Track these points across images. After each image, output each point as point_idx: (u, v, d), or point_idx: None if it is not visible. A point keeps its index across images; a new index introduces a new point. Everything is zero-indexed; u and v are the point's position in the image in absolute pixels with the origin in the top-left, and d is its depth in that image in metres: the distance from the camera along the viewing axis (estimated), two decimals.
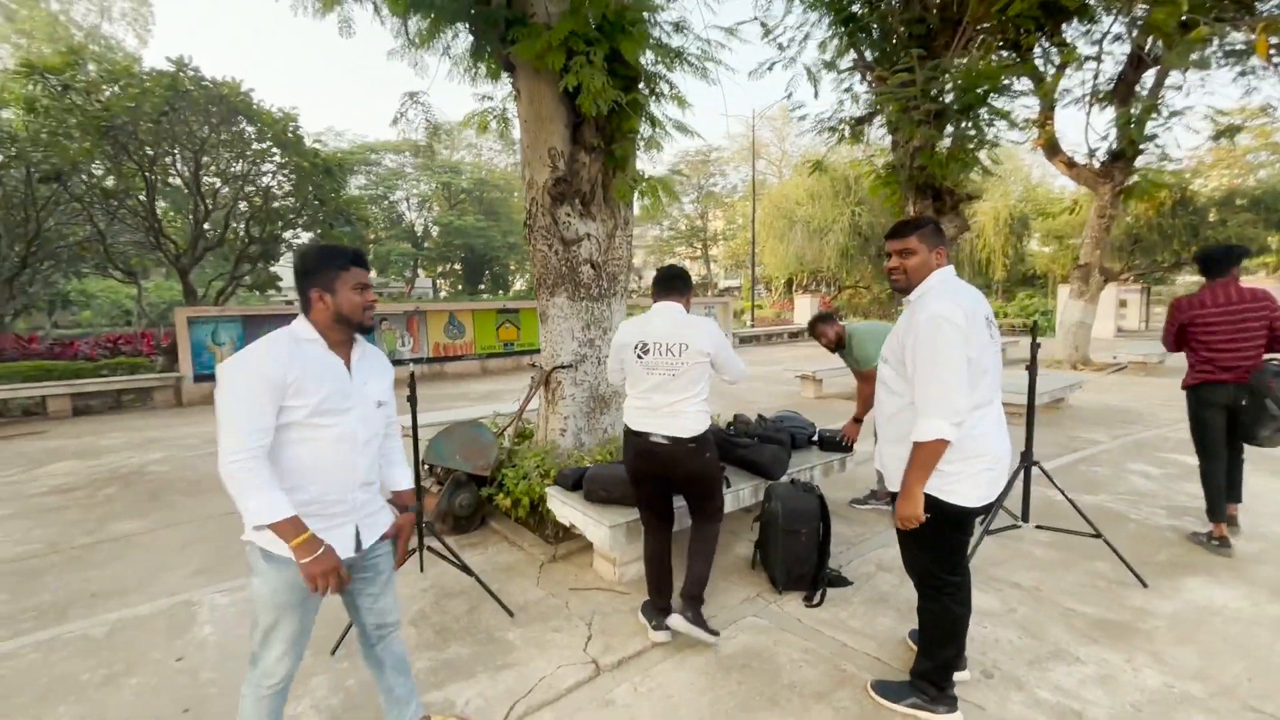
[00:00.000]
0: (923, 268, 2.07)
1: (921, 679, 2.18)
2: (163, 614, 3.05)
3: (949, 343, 1.88)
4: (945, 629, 2.13)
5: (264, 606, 1.65)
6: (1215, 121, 11.74)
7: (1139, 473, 5.01)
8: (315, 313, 1.70)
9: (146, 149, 11.03)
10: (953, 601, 2.11)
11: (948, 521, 2.02)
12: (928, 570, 2.13)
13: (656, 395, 2.57)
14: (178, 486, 5.29)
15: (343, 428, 1.68)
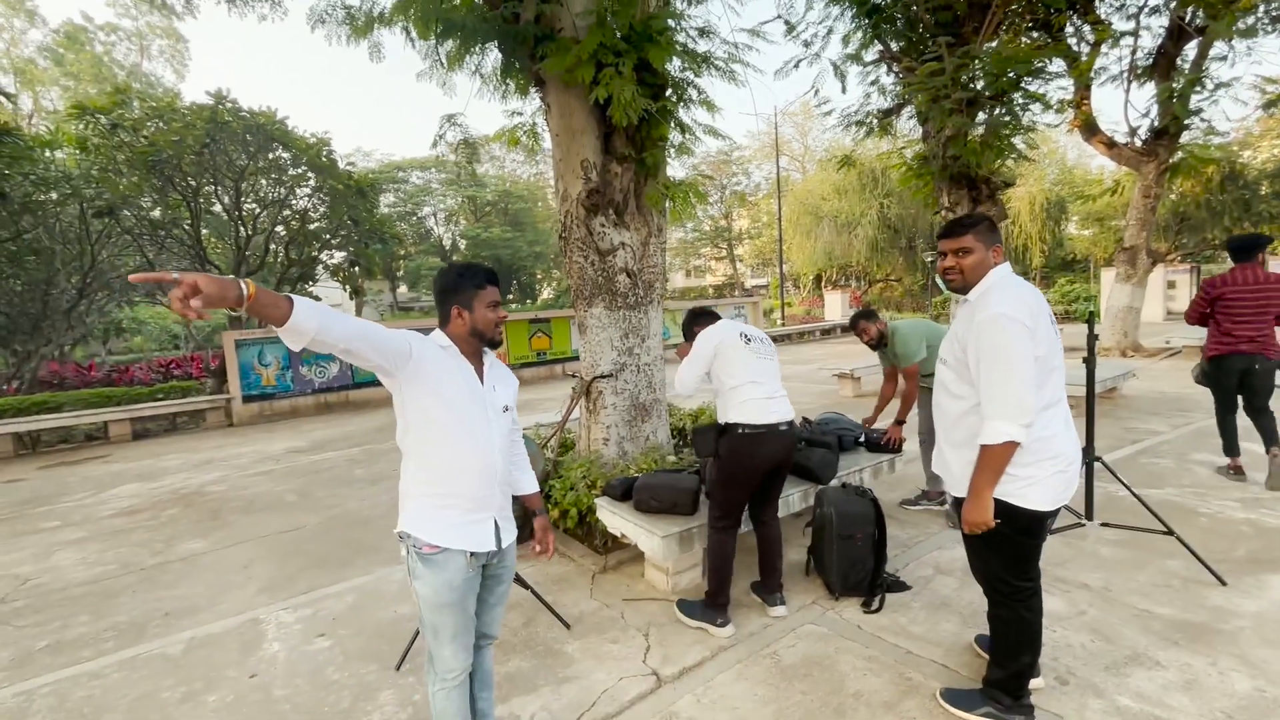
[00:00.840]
0: (980, 266, 2.03)
1: (995, 687, 2.12)
2: (233, 632, 3.15)
3: (1015, 341, 1.84)
4: (1020, 636, 2.06)
5: (428, 607, 1.78)
6: (1264, 90, 11.24)
7: (1204, 463, 4.80)
8: (453, 326, 1.86)
9: (190, 180, 11.49)
10: (1025, 608, 2.04)
11: (1020, 527, 1.96)
12: (999, 576, 2.06)
13: (772, 383, 2.78)
14: (235, 506, 5.47)
15: (479, 427, 1.82)
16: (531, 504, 2.18)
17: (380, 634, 3.02)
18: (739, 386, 2.73)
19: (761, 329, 15.67)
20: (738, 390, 2.73)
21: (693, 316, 3.04)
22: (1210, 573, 2.97)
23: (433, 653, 1.83)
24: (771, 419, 2.70)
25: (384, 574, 3.75)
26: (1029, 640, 2.07)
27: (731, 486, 2.77)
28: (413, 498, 1.79)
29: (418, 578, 1.76)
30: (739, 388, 2.73)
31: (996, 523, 1.93)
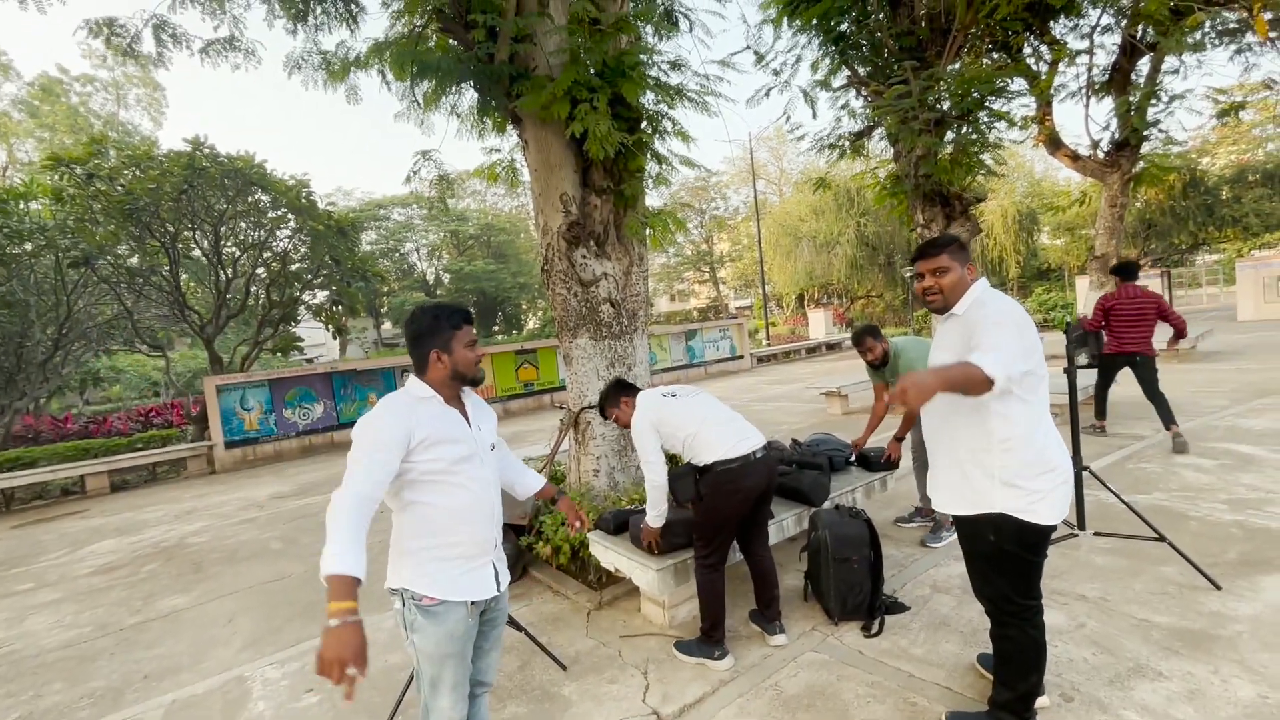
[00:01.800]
0: (959, 284, 2.06)
1: (1002, 709, 2.09)
2: (216, 692, 3.04)
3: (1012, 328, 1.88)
4: (1027, 657, 2.04)
5: (428, 659, 1.73)
6: (1216, 101, 11.68)
7: (1191, 466, 4.85)
8: (433, 372, 1.82)
9: (168, 226, 11.42)
10: (1031, 626, 2.03)
11: (1029, 544, 1.96)
12: (1005, 597, 2.04)
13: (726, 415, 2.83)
14: (218, 556, 5.32)
15: (477, 472, 1.81)
16: (547, 493, 2.27)
17: (371, 685, 2.92)
18: (697, 431, 2.73)
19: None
20: (698, 434, 2.72)
21: (607, 393, 3.06)
22: (1205, 577, 2.97)
23: (429, 704, 1.78)
24: (745, 449, 2.69)
25: (373, 621, 3.63)
26: (1036, 659, 2.05)
27: (719, 524, 2.72)
28: (410, 553, 1.74)
29: (417, 631, 1.72)
30: (698, 432, 2.73)
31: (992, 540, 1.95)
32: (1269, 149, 25.08)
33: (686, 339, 17.21)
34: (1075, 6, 9.22)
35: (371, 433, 1.66)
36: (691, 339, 17.31)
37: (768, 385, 13.65)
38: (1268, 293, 16.43)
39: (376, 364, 12.24)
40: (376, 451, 1.63)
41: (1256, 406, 6.63)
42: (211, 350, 12.56)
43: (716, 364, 17.65)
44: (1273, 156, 20.71)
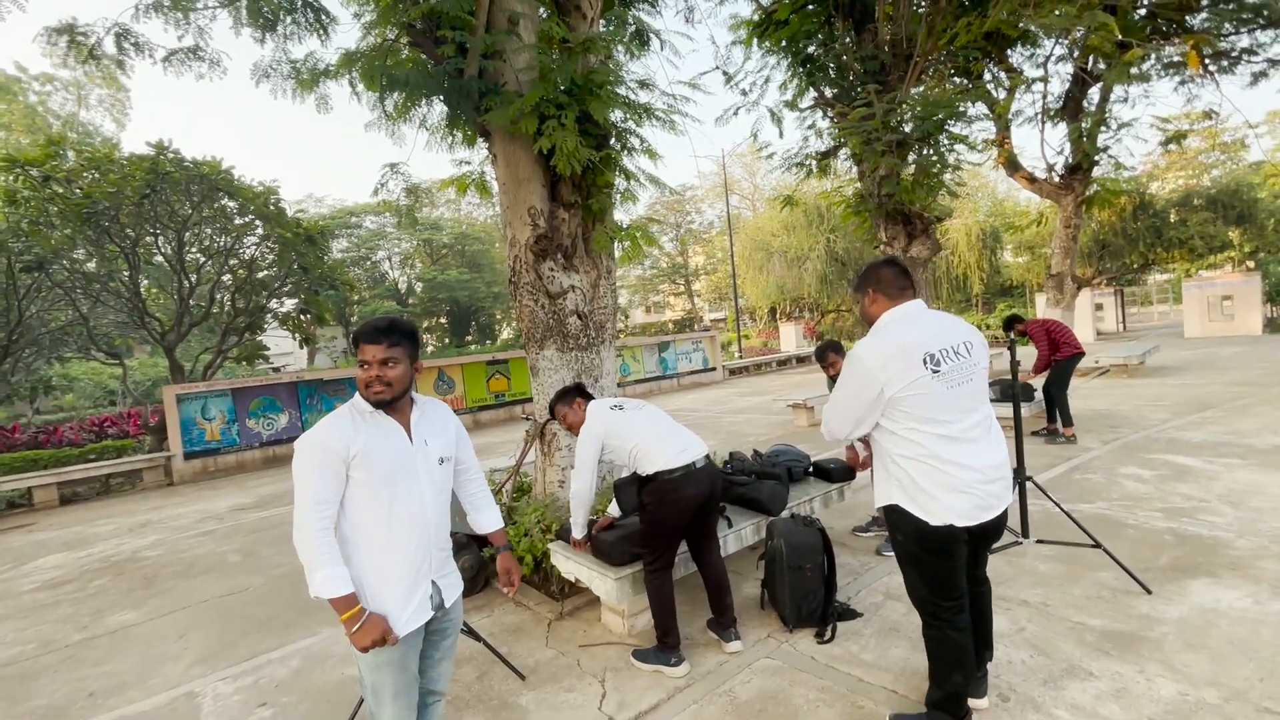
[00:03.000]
0: (866, 313, 2.30)
1: (936, 708, 2.19)
2: (164, 709, 2.97)
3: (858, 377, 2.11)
4: (949, 655, 2.15)
5: (366, 666, 1.74)
6: (1162, 129, 12.30)
7: (1132, 476, 5.08)
8: None
9: (128, 231, 11.14)
10: (951, 628, 2.12)
11: (929, 546, 2.08)
12: (923, 597, 2.17)
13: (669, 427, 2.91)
14: (172, 571, 5.19)
15: (410, 489, 1.77)
16: (496, 540, 2.18)
17: (326, 698, 2.90)
18: (640, 444, 2.80)
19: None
20: (641, 445, 2.80)
21: (564, 393, 3.19)
22: (1137, 582, 3.13)
23: (374, 713, 1.78)
24: (687, 459, 2.75)
25: (331, 634, 3.60)
26: (958, 659, 2.14)
27: (661, 532, 2.80)
28: None
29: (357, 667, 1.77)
30: (640, 444, 2.80)
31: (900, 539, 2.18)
32: (1214, 175, 26.42)
33: (659, 350, 17.32)
34: (1030, 37, 9.65)
35: (311, 453, 1.68)
36: (664, 351, 17.43)
37: (738, 397, 13.81)
38: (1212, 311, 17.24)
39: (343, 373, 12.05)
40: (317, 472, 1.67)
41: (1195, 420, 6.96)
42: (172, 358, 12.23)
43: (689, 375, 17.78)
44: (1217, 183, 21.81)
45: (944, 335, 2.08)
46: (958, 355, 2.06)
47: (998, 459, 2.11)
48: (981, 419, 2.11)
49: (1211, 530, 3.82)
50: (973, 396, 2.09)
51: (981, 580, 2.34)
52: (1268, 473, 4.84)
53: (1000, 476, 2.10)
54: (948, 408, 2.03)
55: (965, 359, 2.08)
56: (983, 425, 2.11)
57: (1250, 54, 10.36)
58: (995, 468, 2.08)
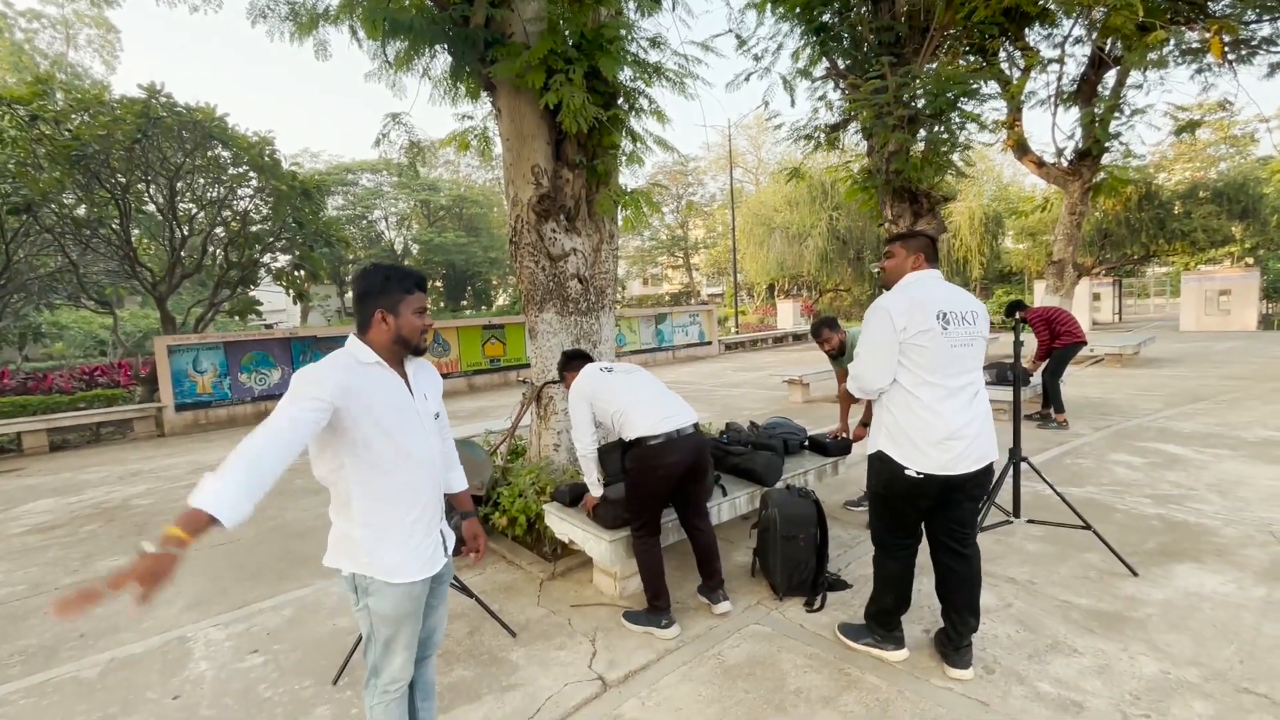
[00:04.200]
0: (897, 269, 2.48)
1: (871, 620, 2.60)
2: (156, 652, 2.98)
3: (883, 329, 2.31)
4: (886, 580, 2.52)
5: (384, 621, 1.71)
6: (1175, 118, 12.13)
7: (1122, 463, 5.12)
8: (375, 333, 1.71)
9: (119, 177, 10.86)
10: (893, 560, 2.49)
11: (895, 490, 2.37)
12: (877, 531, 2.54)
13: (656, 393, 2.88)
14: (164, 519, 5.19)
15: (419, 443, 1.74)
16: (461, 504, 2.09)
17: (318, 648, 2.92)
18: (624, 408, 2.79)
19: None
20: (625, 410, 2.78)
21: (565, 360, 3.17)
22: (1124, 564, 3.17)
23: (378, 665, 1.76)
24: (669, 426, 2.73)
25: (323, 586, 3.62)
26: (891, 586, 2.52)
27: (644, 497, 2.80)
28: (352, 538, 1.67)
29: (372, 594, 1.68)
30: (625, 408, 2.79)
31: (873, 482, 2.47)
32: (1221, 168, 26.22)
33: (656, 322, 17.26)
34: (1049, 15, 9.40)
35: (308, 382, 1.54)
36: (661, 323, 17.37)
37: (734, 372, 13.82)
38: (1208, 305, 17.28)
39: (339, 331, 11.96)
40: (307, 397, 1.51)
41: (1187, 410, 7.01)
42: (164, 310, 12.07)
43: (685, 349, 17.76)
44: (1224, 176, 21.67)
45: (956, 301, 2.33)
46: (964, 321, 2.29)
47: (981, 420, 2.33)
48: (973, 382, 2.34)
49: (1199, 517, 3.87)
50: (970, 359, 2.33)
51: (969, 546, 2.43)
52: (1256, 464, 4.89)
53: (981, 434, 2.31)
54: (948, 364, 2.26)
55: (970, 326, 2.31)
56: (972, 388, 2.34)
57: (1270, 43, 10.18)
58: (978, 428, 2.30)
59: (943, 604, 2.48)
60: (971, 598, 2.41)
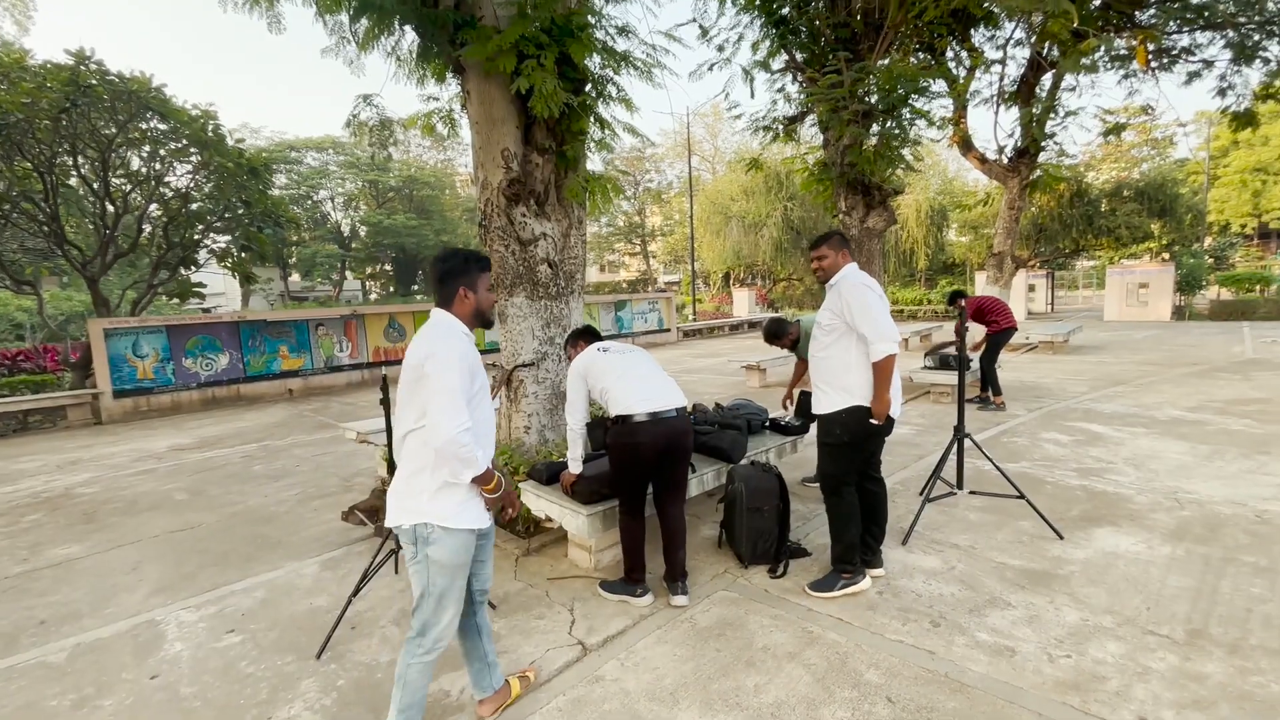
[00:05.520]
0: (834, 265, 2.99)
1: (841, 561, 2.98)
2: (125, 635, 2.95)
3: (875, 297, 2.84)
4: (847, 516, 2.96)
5: (442, 570, 1.90)
6: (1104, 120, 12.95)
7: (1052, 441, 5.56)
8: (459, 307, 2.00)
9: (44, 148, 10.17)
10: (847, 495, 2.97)
11: (859, 434, 2.87)
12: (833, 474, 2.98)
13: (645, 374, 2.97)
14: (114, 507, 5.01)
15: (490, 406, 2.07)
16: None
17: (297, 626, 2.95)
18: (611, 387, 2.88)
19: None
20: (611, 389, 2.87)
21: (573, 336, 3.30)
22: (1052, 529, 3.50)
23: (428, 622, 1.92)
24: (652, 407, 2.80)
25: (295, 568, 3.62)
26: (854, 517, 2.97)
27: (625, 474, 2.88)
28: (427, 488, 1.88)
29: (433, 544, 1.87)
30: (611, 387, 2.88)
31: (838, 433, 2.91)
32: (1143, 169, 28.02)
33: (616, 309, 17.35)
34: (993, 18, 9.87)
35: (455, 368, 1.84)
36: (621, 309, 17.47)
37: (693, 358, 14.07)
38: (1129, 297, 18.56)
39: (290, 315, 11.57)
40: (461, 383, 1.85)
41: (1109, 393, 7.61)
42: (96, 291, 11.39)
43: (644, 335, 17.93)
44: (1145, 176, 23.18)
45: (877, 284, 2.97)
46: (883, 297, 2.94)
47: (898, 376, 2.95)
48: None
49: (1116, 488, 4.27)
50: None
51: (880, 482, 3.16)
52: (1165, 440, 5.39)
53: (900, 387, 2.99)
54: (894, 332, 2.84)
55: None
56: None
57: (1189, 53, 10.94)
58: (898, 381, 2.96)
59: (863, 523, 3.07)
60: (885, 513, 3.17)
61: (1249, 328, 14.89)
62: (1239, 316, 17.13)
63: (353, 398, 10.44)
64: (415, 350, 1.88)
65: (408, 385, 1.88)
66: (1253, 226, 32.05)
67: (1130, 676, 2.27)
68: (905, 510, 3.97)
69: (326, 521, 4.34)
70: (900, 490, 4.43)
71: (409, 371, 1.87)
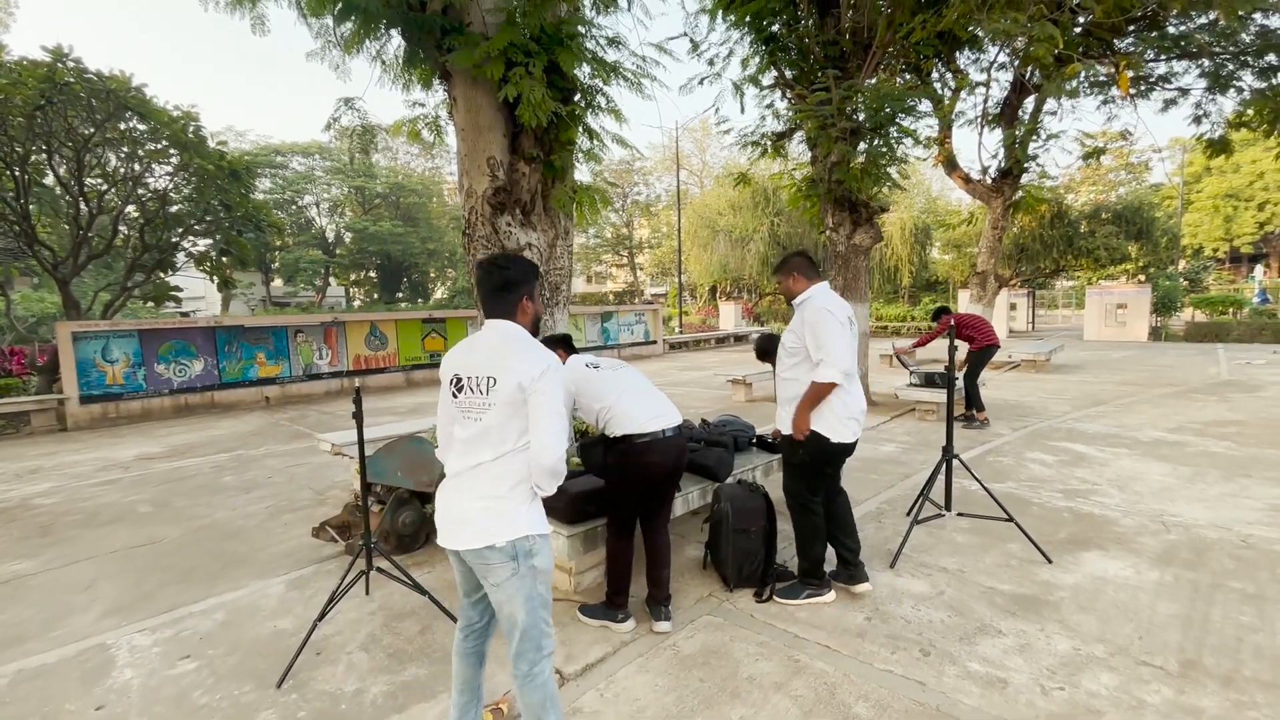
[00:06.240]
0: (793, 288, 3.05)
1: (807, 575, 3.06)
2: (73, 661, 2.77)
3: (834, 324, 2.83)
4: (813, 532, 3.02)
5: (545, 579, 1.84)
6: (1084, 144, 13.21)
7: (1037, 461, 5.55)
8: (522, 316, 1.92)
9: (17, 148, 9.90)
10: (813, 514, 3.03)
11: (821, 458, 2.93)
12: (799, 491, 3.04)
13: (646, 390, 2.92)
14: (72, 520, 4.79)
15: None
16: None
17: (258, 651, 2.79)
18: (613, 404, 2.76)
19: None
20: (614, 407, 2.76)
21: (555, 340, 3.16)
22: (1040, 553, 3.45)
23: (544, 631, 1.84)
24: (657, 426, 2.73)
25: (259, 587, 3.46)
26: (820, 534, 3.04)
27: (626, 496, 2.80)
28: (527, 497, 1.82)
29: (536, 555, 1.80)
30: (613, 405, 2.75)
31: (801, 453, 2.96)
32: (1120, 193, 28.69)
33: (602, 320, 17.27)
34: (978, 42, 10.04)
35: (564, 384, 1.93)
36: (607, 321, 17.39)
37: (679, 371, 14.01)
38: (1108, 317, 18.88)
39: (266, 321, 11.33)
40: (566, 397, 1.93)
41: (1091, 413, 7.66)
42: (67, 293, 11.08)
43: (630, 347, 17.86)
44: (1123, 199, 23.71)
45: (846, 307, 2.95)
46: (853, 322, 2.95)
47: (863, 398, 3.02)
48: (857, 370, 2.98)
49: (1102, 510, 4.25)
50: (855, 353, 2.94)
51: (842, 492, 3.22)
52: (1148, 462, 5.41)
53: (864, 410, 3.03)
54: (854, 354, 2.88)
55: (855, 325, 2.96)
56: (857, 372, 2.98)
57: (1165, 81, 11.20)
58: (864, 405, 3.02)
59: (834, 540, 3.12)
60: (852, 524, 3.19)
61: (1223, 349, 15.18)
62: (1213, 338, 17.46)
63: (331, 407, 10.21)
64: (521, 369, 1.76)
65: (510, 405, 1.76)
66: (1224, 251, 32.88)
67: (1125, 711, 2.21)
68: (893, 532, 3.91)
69: (297, 537, 4.17)
70: (887, 510, 4.36)
71: (512, 391, 1.75)
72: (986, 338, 7.23)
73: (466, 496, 1.81)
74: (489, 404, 1.78)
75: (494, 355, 1.81)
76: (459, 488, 1.84)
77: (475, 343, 1.89)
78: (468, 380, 1.82)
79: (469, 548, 1.78)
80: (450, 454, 1.89)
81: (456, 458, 1.86)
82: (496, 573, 1.78)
